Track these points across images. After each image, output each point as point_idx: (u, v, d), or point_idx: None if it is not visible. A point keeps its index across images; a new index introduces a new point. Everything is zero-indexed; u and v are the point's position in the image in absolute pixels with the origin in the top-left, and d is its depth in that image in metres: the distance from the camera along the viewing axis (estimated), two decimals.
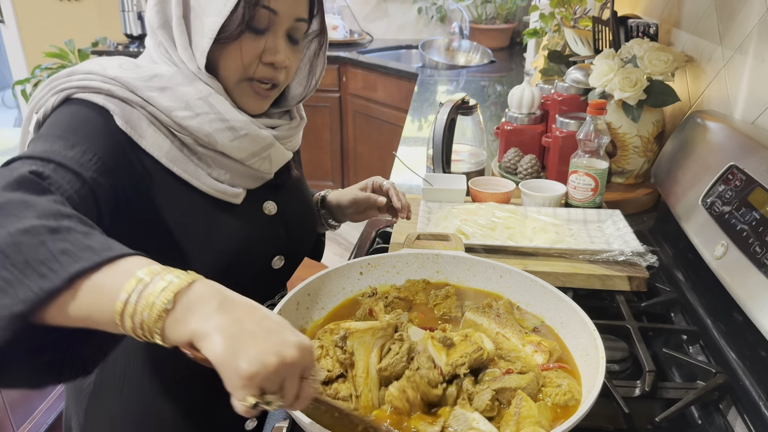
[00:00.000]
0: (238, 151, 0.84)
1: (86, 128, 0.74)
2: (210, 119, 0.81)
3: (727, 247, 0.95)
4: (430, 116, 2.39)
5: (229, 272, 0.86)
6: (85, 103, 0.77)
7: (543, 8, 2.20)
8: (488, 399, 0.67)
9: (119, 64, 0.81)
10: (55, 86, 0.78)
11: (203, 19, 0.79)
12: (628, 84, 1.38)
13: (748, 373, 0.86)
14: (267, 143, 0.87)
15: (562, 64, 1.89)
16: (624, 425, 0.81)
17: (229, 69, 0.83)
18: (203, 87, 0.82)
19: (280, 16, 0.82)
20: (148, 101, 0.79)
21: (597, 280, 1.09)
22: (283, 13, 0.82)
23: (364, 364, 0.73)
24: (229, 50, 0.81)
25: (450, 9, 3.90)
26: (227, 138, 0.83)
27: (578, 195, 1.32)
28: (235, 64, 0.82)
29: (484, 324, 0.82)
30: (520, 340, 0.80)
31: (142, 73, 0.80)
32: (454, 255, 0.95)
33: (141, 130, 0.78)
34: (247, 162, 0.86)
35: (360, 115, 3.58)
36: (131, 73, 0.79)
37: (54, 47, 3.86)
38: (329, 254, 3.44)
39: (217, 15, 0.78)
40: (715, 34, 1.33)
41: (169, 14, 0.82)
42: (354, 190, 1.15)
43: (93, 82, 0.77)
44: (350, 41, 3.86)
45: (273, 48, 0.83)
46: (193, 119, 0.80)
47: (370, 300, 0.89)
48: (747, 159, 1.02)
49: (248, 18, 0.78)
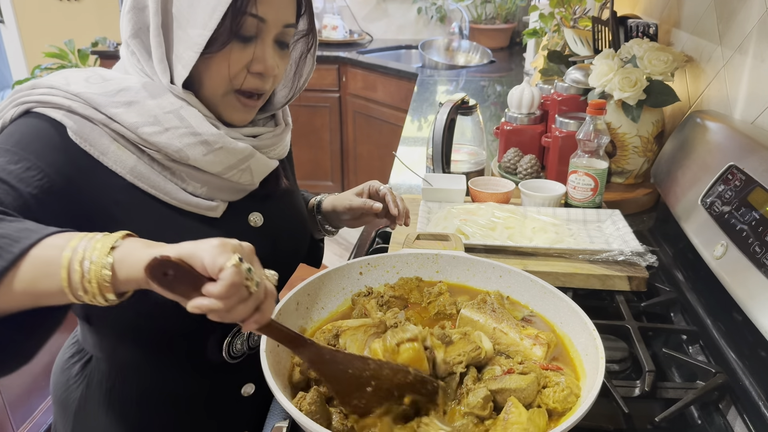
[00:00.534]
0: (213, 165, 0.81)
1: (38, 143, 0.72)
2: (180, 134, 0.78)
3: (726, 247, 0.95)
4: (429, 116, 2.39)
5: None
6: (42, 117, 0.74)
7: (543, 8, 2.20)
8: (481, 397, 0.67)
9: (86, 77, 0.78)
10: (17, 98, 0.76)
11: (187, 30, 0.76)
12: (627, 84, 1.38)
13: (748, 373, 0.86)
14: (245, 155, 0.84)
15: (561, 64, 1.89)
16: (624, 425, 0.81)
17: (215, 81, 0.79)
18: (174, 99, 0.79)
19: (268, 24, 0.78)
20: (112, 118, 0.75)
21: (597, 280, 1.09)
22: (272, 20, 0.78)
23: None
24: (215, 61, 0.77)
25: (450, 9, 3.90)
26: (200, 152, 0.79)
27: (578, 195, 1.32)
28: (221, 76, 0.79)
29: (481, 320, 0.82)
30: (518, 334, 0.80)
31: (109, 87, 0.77)
32: (454, 255, 0.95)
33: (102, 147, 0.75)
34: (224, 175, 0.83)
35: (360, 115, 3.58)
36: (96, 88, 0.76)
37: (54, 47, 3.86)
38: (329, 254, 3.44)
39: (203, 27, 0.74)
40: (715, 34, 1.33)
41: (144, 23, 0.79)
42: (350, 196, 1.11)
43: (54, 98, 0.74)
44: (350, 41, 3.86)
45: (261, 57, 0.79)
46: (162, 134, 0.77)
47: (365, 299, 0.89)
48: (746, 159, 1.02)
49: (236, 28, 0.75)
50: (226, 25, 0.74)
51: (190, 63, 0.76)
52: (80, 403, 0.92)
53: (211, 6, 0.73)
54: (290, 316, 0.83)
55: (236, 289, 0.55)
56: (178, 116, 0.78)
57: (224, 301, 0.55)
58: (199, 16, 0.74)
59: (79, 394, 0.92)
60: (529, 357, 0.77)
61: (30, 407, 2.00)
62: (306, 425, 0.62)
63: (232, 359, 0.92)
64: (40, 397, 2.05)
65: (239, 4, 0.74)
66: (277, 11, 0.78)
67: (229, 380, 0.95)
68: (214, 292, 0.54)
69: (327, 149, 3.76)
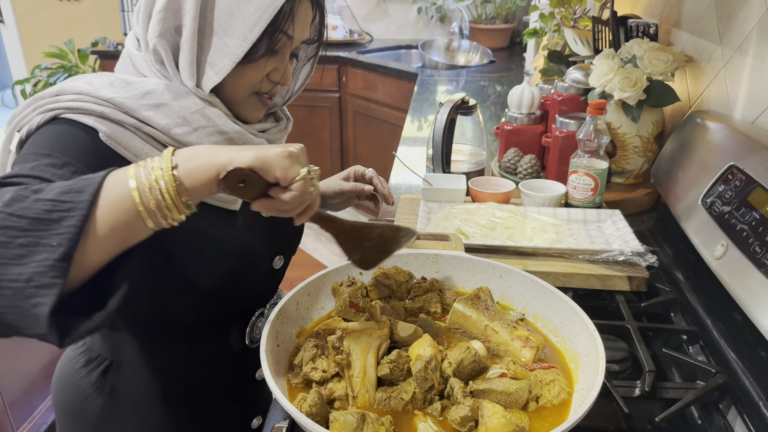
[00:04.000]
0: None
1: (76, 147, 0.72)
2: (208, 132, 0.80)
3: (726, 247, 0.95)
4: (429, 116, 2.39)
5: (237, 277, 0.86)
6: (73, 123, 0.74)
7: (543, 8, 2.20)
8: (460, 416, 0.67)
9: (109, 81, 0.78)
10: (42, 105, 0.75)
11: (225, 39, 0.78)
12: (627, 84, 1.38)
13: (748, 373, 0.86)
14: (252, 141, 0.87)
15: (561, 64, 1.89)
16: (624, 425, 0.81)
17: (240, 87, 0.82)
18: (197, 100, 0.80)
19: (293, 41, 0.83)
20: (144, 121, 0.77)
21: (597, 280, 1.09)
22: (296, 37, 0.83)
23: (361, 364, 0.73)
24: (247, 71, 0.80)
25: (450, 9, 3.90)
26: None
27: (578, 195, 1.32)
28: (248, 83, 0.82)
29: (473, 316, 0.82)
30: (509, 334, 0.80)
31: (134, 91, 0.77)
32: (454, 255, 0.95)
33: (135, 150, 0.76)
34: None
35: (360, 115, 3.58)
36: (123, 92, 0.77)
37: (53, 47, 3.86)
38: (329, 254, 3.44)
39: (242, 39, 0.77)
40: (715, 34, 1.33)
41: (175, 24, 0.79)
42: (337, 181, 1.17)
43: (84, 104, 0.74)
44: (350, 41, 3.86)
45: (281, 68, 0.84)
46: (192, 134, 0.79)
47: (348, 290, 0.88)
48: (747, 159, 1.02)
49: (272, 45, 0.79)
50: (264, 40, 0.78)
51: (225, 71, 0.78)
52: (102, 411, 0.90)
53: (253, 20, 0.76)
54: (290, 316, 0.83)
55: (304, 196, 0.63)
56: (203, 116, 0.80)
57: (291, 204, 0.63)
58: (239, 28, 0.76)
59: (102, 401, 0.90)
60: (518, 358, 0.78)
61: (30, 407, 2.00)
62: (306, 425, 0.62)
63: (253, 344, 0.94)
64: (40, 397, 2.05)
65: (278, 22, 0.77)
66: (301, 29, 0.83)
67: (244, 365, 0.97)
68: (286, 198, 0.63)
69: (327, 149, 3.75)
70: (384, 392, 0.72)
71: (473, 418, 0.67)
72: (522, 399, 0.70)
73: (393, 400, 0.71)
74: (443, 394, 0.72)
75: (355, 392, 0.71)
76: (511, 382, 0.71)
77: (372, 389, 0.72)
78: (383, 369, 0.73)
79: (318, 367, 0.75)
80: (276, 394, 0.66)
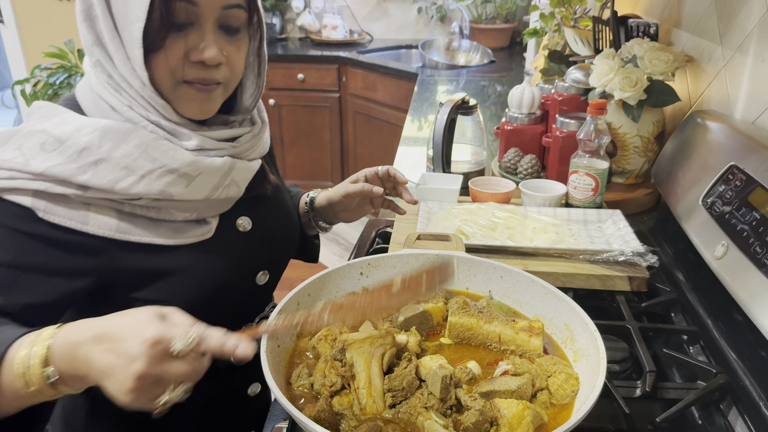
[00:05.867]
0: (198, 192, 0.79)
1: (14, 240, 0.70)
2: (157, 176, 0.74)
3: (727, 247, 0.95)
4: (430, 116, 2.39)
5: (215, 299, 0.84)
6: (8, 204, 0.70)
7: (543, 8, 2.20)
8: (471, 422, 0.66)
9: (41, 144, 0.71)
10: None
11: (129, 27, 0.72)
12: (628, 84, 1.38)
13: (749, 374, 0.86)
14: (225, 170, 0.81)
15: (562, 64, 1.89)
16: (624, 425, 0.81)
17: (162, 77, 0.75)
18: (143, 134, 0.74)
19: (201, 7, 0.73)
20: (85, 186, 0.71)
21: (597, 280, 1.08)
22: (205, 2, 0.73)
23: (366, 374, 0.71)
24: (159, 56, 0.73)
25: (450, 9, 3.90)
26: (182, 187, 0.77)
27: (578, 195, 1.32)
28: (167, 70, 0.74)
29: (472, 323, 0.82)
30: (512, 330, 0.80)
31: (69, 150, 0.71)
32: (455, 255, 0.95)
33: (81, 217, 0.72)
34: (212, 197, 0.81)
35: (360, 115, 3.58)
36: (57, 157, 0.71)
37: (54, 47, 3.86)
38: (329, 254, 3.44)
39: (137, 20, 0.70)
40: (716, 34, 1.33)
41: (99, 29, 0.74)
42: (346, 184, 1.08)
43: (17, 182, 0.70)
44: (350, 41, 3.86)
45: (198, 45, 0.74)
46: (139, 183, 0.73)
47: None
48: (747, 159, 1.02)
49: (166, 15, 0.70)
50: (155, 14, 0.70)
51: (140, 61, 0.72)
52: (87, 423, 0.89)
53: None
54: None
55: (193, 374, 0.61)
56: (149, 158, 0.74)
57: None
58: (133, 10, 0.70)
59: (86, 411, 0.89)
60: (529, 349, 0.78)
61: None
62: (306, 425, 0.62)
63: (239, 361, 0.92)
64: None
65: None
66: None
67: (235, 381, 0.95)
68: None
69: (327, 149, 3.75)
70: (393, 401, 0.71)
71: (486, 421, 0.66)
72: (527, 393, 0.70)
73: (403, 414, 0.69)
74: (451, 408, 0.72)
75: (362, 404, 0.70)
76: (513, 379, 0.71)
77: (379, 399, 0.70)
78: (393, 381, 0.71)
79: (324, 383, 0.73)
80: (276, 394, 0.65)
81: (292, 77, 3.59)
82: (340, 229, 3.70)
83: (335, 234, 3.67)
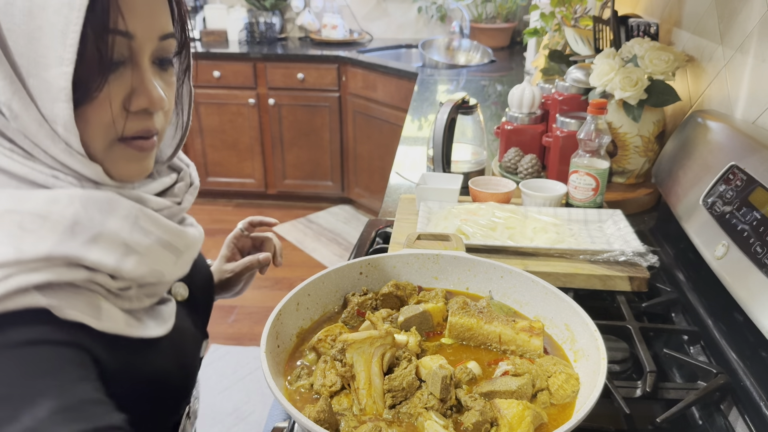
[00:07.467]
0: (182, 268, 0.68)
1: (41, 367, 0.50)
2: (155, 252, 0.61)
3: (727, 247, 0.95)
4: (430, 116, 2.39)
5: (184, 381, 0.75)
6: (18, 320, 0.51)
7: (543, 7, 2.20)
8: (472, 422, 0.66)
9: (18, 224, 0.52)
10: None
11: (42, 75, 0.53)
12: (628, 83, 1.37)
13: (749, 374, 0.86)
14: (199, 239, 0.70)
15: (562, 64, 1.89)
16: (625, 426, 0.81)
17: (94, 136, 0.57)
18: (124, 203, 0.58)
19: (138, 40, 0.57)
20: (95, 268, 0.56)
21: (598, 280, 1.08)
22: (142, 33, 0.57)
23: (366, 375, 0.71)
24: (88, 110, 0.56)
25: (450, 8, 3.90)
26: (171, 263, 0.64)
27: (579, 195, 1.32)
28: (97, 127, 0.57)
29: (473, 324, 0.82)
30: (512, 330, 0.80)
31: (59, 225, 0.54)
32: (455, 255, 0.95)
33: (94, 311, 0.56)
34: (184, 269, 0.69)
35: (360, 114, 3.58)
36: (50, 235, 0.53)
37: None
38: (329, 254, 3.44)
39: (59, 62, 0.52)
40: (716, 33, 1.33)
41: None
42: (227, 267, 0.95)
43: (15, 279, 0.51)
44: (350, 40, 3.86)
45: (140, 87, 0.58)
46: (141, 263, 0.60)
47: (360, 299, 0.88)
48: (748, 159, 1.02)
49: (105, 53, 0.54)
50: (90, 51, 0.53)
51: (69, 118, 0.54)
52: None
53: (59, 30, 0.51)
54: (290, 316, 0.83)
55: None
56: (142, 231, 0.60)
57: None
58: (50, 51, 0.52)
59: None
60: (529, 349, 0.78)
61: None
62: (306, 425, 0.62)
63: None
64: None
65: (99, 18, 0.53)
66: (146, 19, 0.57)
67: None
68: None
69: (327, 149, 3.75)
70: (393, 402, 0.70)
71: (486, 421, 0.66)
72: (527, 393, 0.70)
73: (403, 414, 0.69)
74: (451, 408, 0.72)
75: (362, 404, 0.70)
76: (513, 379, 0.71)
77: (380, 399, 0.70)
78: (393, 382, 0.71)
79: (324, 384, 0.73)
80: (276, 394, 0.65)
81: (291, 77, 3.59)
82: (340, 229, 3.70)
83: (336, 234, 3.67)
